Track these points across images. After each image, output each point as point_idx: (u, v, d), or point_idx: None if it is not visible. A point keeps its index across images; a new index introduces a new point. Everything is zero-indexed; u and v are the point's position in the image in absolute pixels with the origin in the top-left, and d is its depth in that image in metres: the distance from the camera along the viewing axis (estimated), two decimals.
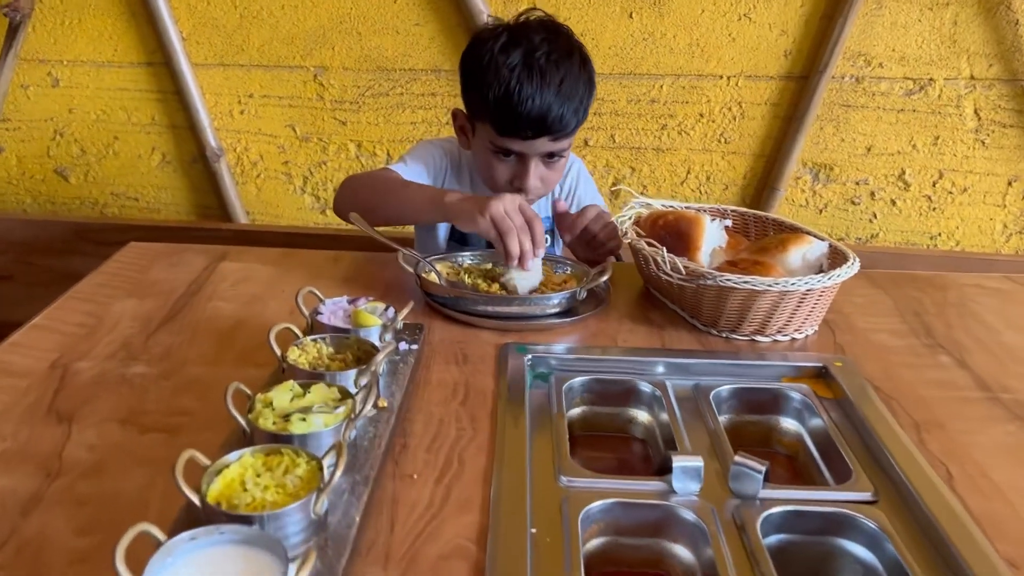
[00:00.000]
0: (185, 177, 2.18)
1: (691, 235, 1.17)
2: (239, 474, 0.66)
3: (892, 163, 2.08)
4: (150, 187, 2.19)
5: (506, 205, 1.13)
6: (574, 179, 1.52)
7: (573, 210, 1.33)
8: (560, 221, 1.29)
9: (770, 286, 1.02)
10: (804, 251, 1.14)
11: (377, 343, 0.90)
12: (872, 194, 2.11)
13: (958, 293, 1.29)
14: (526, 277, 1.14)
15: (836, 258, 1.15)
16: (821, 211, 2.14)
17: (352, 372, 0.82)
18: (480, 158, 1.37)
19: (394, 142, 2.12)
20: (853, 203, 2.12)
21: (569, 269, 1.23)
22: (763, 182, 2.12)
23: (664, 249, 1.07)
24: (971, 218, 2.11)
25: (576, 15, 1.98)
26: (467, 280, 1.18)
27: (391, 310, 0.97)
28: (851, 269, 1.06)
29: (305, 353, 0.87)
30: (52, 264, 2.06)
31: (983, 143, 2.03)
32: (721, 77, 2.03)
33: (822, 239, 1.16)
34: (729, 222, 1.22)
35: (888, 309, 1.21)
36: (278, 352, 0.84)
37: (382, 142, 2.12)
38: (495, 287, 1.15)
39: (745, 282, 1.02)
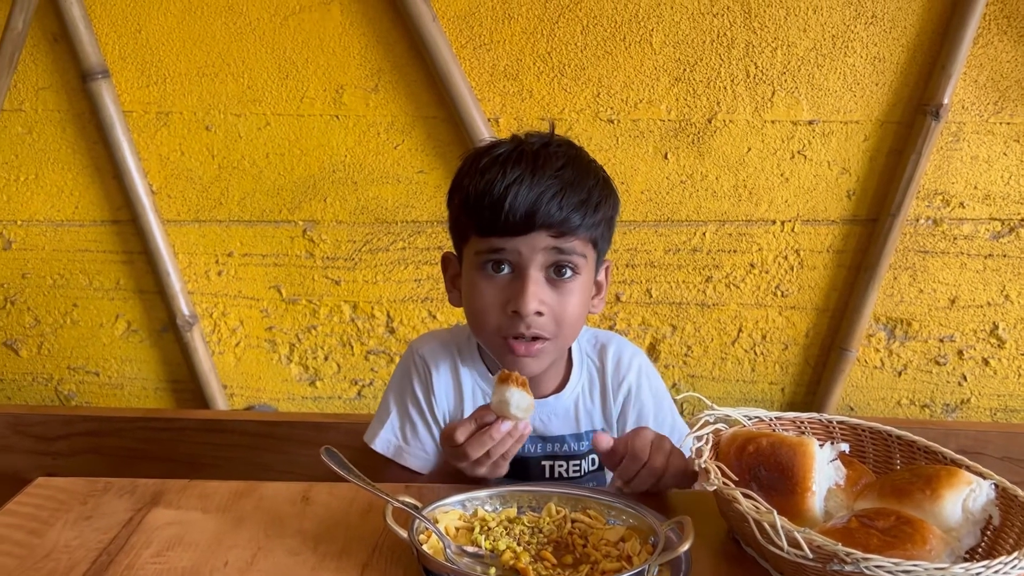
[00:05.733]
0: (153, 348, 1.87)
1: (797, 471, 0.83)
2: None
3: (982, 316, 1.76)
4: (113, 360, 1.88)
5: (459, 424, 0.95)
6: (634, 380, 1.19)
7: (630, 423, 1.00)
8: (608, 459, 0.96)
9: None
10: (963, 497, 0.80)
11: None
12: (960, 353, 1.78)
13: None
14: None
15: (1007, 503, 0.81)
16: (900, 373, 1.80)
17: None
18: (467, 290, 1.08)
19: (395, 302, 1.82)
20: (938, 363, 1.79)
21: (627, 518, 0.88)
22: (829, 341, 1.80)
23: (776, 513, 0.73)
24: None
25: (602, 156, 1.71)
26: (483, 543, 0.84)
27: None
28: None
29: None
30: None
31: None
32: (774, 222, 1.74)
33: (983, 476, 0.83)
34: (846, 447, 0.88)
35: None
36: None
37: (381, 302, 1.83)
38: (524, 557, 0.80)
39: (904, 571, 0.67)
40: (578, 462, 1.16)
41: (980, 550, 0.82)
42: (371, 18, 1.67)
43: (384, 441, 1.18)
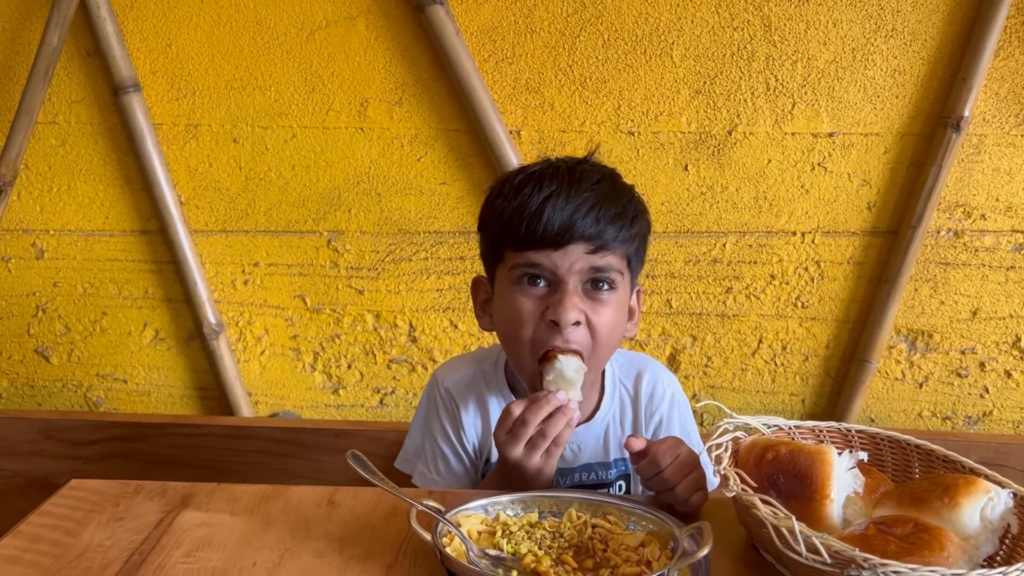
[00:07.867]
0: (180, 356, 1.91)
1: (815, 478, 0.84)
2: None
3: (1004, 328, 1.75)
4: (140, 367, 1.92)
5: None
6: (666, 412, 1.20)
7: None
8: (636, 458, 0.97)
9: None
10: (981, 505, 0.80)
11: None
12: (982, 365, 1.77)
13: None
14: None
15: None
16: (921, 385, 1.80)
17: None
18: (502, 307, 1.08)
19: (417, 311, 1.85)
20: (959, 376, 1.78)
21: (647, 523, 0.90)
22: (850, 352, 1.80)
23: (794, 519, 0.74)
24: None
25: (623, 168, 1.69)
26: (505, 546, 0.85)
27: None
28: None
29: None
30: (15, 468, 1.76)
31: None
32: (794, 234, 1.75)
33: (1002, 485, 0.83)
34: (864, 455, 0.89)
35: None
36: None
37: (403, 312, 1.85)
38: (545, 560, 0.82)
39: None
40: (606, 491, 1.17)
41: (998, 558, 0.82)
42: (395, 33, 1.70)
43: (421, 475, 1.21)
